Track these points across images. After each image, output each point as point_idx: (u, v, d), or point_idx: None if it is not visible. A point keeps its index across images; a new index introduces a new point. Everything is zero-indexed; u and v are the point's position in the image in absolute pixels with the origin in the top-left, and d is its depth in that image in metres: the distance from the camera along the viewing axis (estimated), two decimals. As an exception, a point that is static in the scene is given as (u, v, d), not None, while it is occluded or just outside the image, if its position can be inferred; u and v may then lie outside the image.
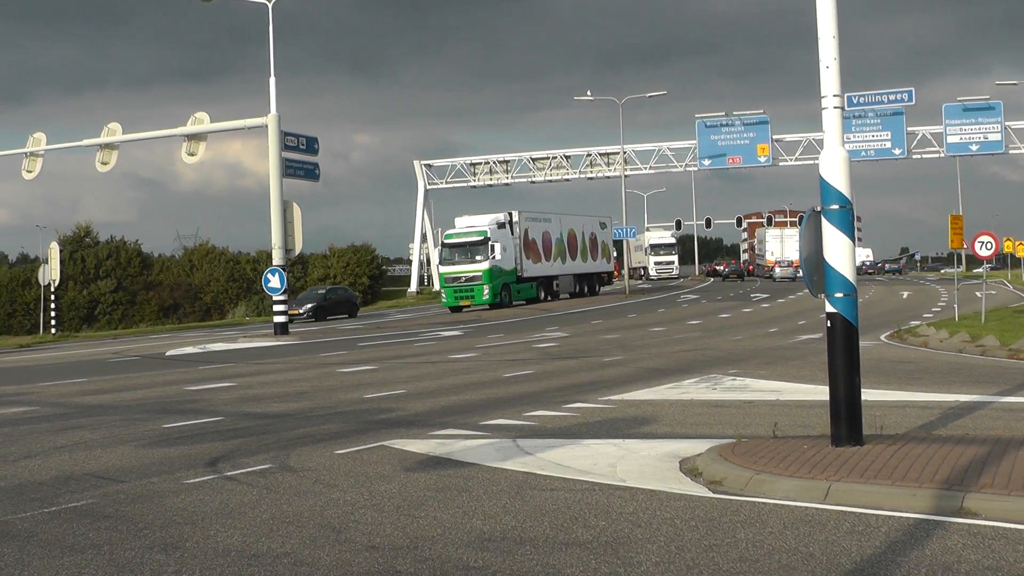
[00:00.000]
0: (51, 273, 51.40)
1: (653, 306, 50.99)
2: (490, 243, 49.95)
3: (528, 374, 20.05)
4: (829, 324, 10.02)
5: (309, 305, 51.69)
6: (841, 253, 9.86)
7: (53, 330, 52.60)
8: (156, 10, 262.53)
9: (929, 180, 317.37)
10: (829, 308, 9.98)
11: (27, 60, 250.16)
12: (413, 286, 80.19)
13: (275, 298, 38.00)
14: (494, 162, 73.18)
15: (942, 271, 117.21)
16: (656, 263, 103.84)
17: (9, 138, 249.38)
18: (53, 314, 53.65)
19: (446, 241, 52.10)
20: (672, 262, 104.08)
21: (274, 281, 37.04)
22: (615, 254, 72.63)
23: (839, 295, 9.90)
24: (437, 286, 63.48)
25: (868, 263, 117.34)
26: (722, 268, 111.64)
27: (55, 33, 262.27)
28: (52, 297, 53.56)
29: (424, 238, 77.35)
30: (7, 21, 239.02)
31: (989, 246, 30.61)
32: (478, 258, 49.94)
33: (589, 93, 65.86)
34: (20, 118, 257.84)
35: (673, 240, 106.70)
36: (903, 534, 7.29)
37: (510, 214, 53.62)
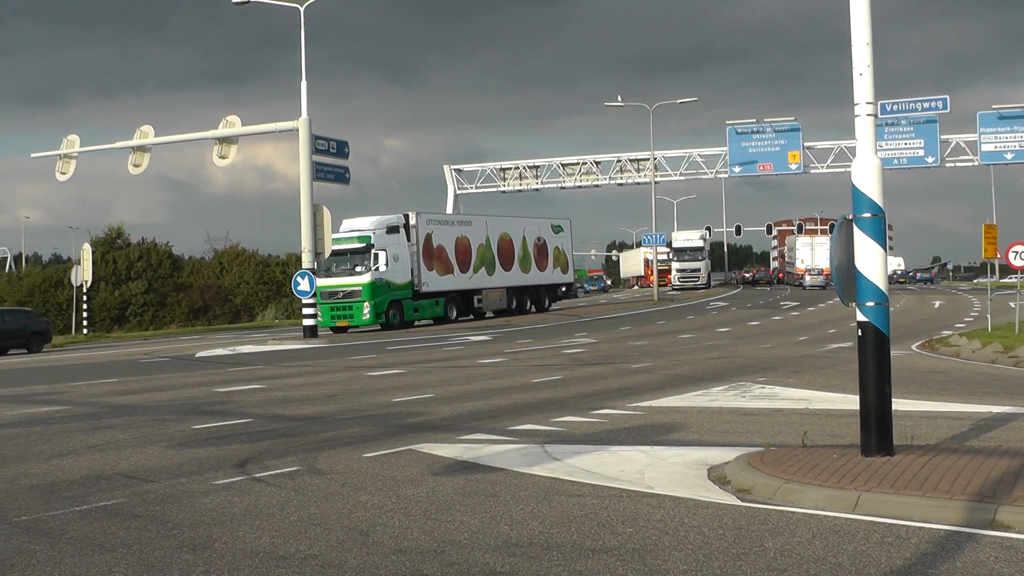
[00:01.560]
0: (83, 274, 51.93)
1: (682, 313, 50.84)
2: (373, 251, 41.75)
3: (556, 380, 20.03)
4: (860, 333, 9.95)
5: None
6: (873, 262, 9.79)
7: (85, 330, 53.05)
8: (190, 14, 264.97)
9: (962, 189, 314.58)
10: (860, 317, 9.92)
11: (62, 63, 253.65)
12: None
13: (304, 301, 38.23)
14: (524, 167, 73.19)
15: (975, 281, 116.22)
16: (678, 270, 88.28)
17: (44, 140, 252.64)
18: (85, 315, 54.11)
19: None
20: (697, 269, 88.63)
21: (303, 284, 37.24)
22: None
23: (870, 304, 9.84)
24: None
25: (900, 272, 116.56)
26: (751, 275, 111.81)
27: (90, 36, 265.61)
28: (84, 298, 54.02)
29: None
30: (43, 24, 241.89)
31: (1023, 256, 30.32)
32: (358, 269, 41.74)
33: (620, 99, 65.63)
34: (54, 120, 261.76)
35: (701, 243, 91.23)
36: (934, 546, 7.22)
37: (405, 216, 45.00)
